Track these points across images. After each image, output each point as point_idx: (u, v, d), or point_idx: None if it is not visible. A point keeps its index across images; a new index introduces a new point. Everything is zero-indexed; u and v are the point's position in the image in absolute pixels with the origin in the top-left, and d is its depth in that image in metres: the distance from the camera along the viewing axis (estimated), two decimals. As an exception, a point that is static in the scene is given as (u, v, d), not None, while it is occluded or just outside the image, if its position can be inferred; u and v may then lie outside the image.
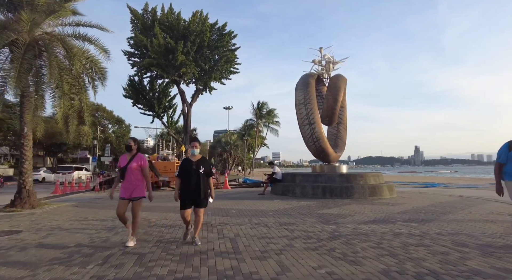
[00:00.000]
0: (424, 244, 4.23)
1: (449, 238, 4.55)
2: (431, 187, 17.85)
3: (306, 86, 12.16)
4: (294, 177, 11.84)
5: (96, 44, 9.24)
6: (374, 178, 11.15)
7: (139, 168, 4.44)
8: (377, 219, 6.24)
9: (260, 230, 5.30)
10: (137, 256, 3.81)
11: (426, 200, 9.70)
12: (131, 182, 4.39)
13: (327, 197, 10.13)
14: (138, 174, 4.45)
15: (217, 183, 17.56)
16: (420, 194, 11.96)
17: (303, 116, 11.96)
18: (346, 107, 13.86)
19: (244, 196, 11.74)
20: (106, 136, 55.32)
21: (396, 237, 4.67)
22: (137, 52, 30.27)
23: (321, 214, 6.99)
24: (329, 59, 12.72)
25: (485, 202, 9.38)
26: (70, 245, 4.41)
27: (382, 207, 8.00)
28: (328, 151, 12.28)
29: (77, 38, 9.17)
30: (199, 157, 4.50)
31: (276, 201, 9.57)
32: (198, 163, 4.39)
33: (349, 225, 5.63)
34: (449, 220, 6.07)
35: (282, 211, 7.45)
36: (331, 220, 6.22)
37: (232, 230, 5.34)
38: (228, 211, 7.57)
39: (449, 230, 5.14)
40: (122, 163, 4.47)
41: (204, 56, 29.53)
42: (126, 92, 31.27)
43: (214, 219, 6.51)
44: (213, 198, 4.60)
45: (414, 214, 6.89)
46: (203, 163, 4.45)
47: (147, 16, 30.37)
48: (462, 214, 6.86)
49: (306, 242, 4.39)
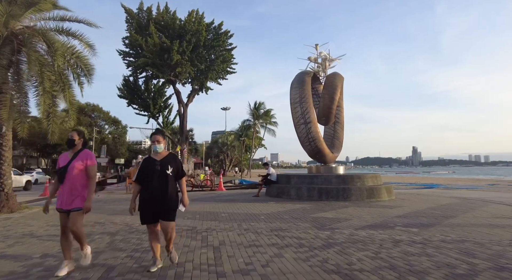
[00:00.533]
0: (427, 253, 3.82)
1: (454, 246, 4.14)
2: (430, 188, 17.49)
3: (302, 84, 11.77)
4: (289, 178, 11.43)
5: (81, 39, 8.81)
6: (372, 180, 10.76)
7: (84, 169, 3.40)
8: (375, 224, 5.84)
9: (248, 236, 4.88)
10: (105, 269, 3.38)
11: (425, 202, 9.31)
12: (72, 187, 3.32)
13: (323, 199, 9.72)
14: (82, 177, 3.39)
15: (212, 185, 17.13)
16: (419, 196, 11.58)
17: (299, 115, 11.56)
18: (343, 107, 13.47)
19: (238, 198, 11.31)
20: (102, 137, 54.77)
21: (396, 245, 4.26)
22: (132, 52, 29.84)
23: (316, 218, 6.58)
24: (325, 56, 12.33)
25: (486, 204, 9.00)
26: (35, 255, 3.97)
27: (381, 210, 7.60)
28: (324, 151, 11.88)
29: (61, 33, 8.73)
30: (164, 153, 3.49)
31: (270, 204, 9.15)
32: (164, 162, 3.38)
33: (345, 231, 5.22)
34: (452, 225, 5.66)
35: (275, 215, 7.03)
36: (326, 224, 5.81)
37: (218, 236, 4.91)
38: (218, 215, 7.15)
39: (454, 236, 4.73)
40: (62, 163, 3.43)
41: (200, 55, 29.11)
42: (121, 92, 30.81)
43: (202, 224, 6.08)
44: (187, 205, 3.54)
45: (414, 218, 6.49)
46: (171, 161, 3.42)
47: (142, 16, 29.96)
48: (465, 218, 6.47)
49: (297, 251, 3.97)
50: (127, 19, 29.79)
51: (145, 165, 3.43)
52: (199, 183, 17.82)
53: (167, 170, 3.35)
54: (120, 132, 60.60)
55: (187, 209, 8.28)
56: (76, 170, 3.35)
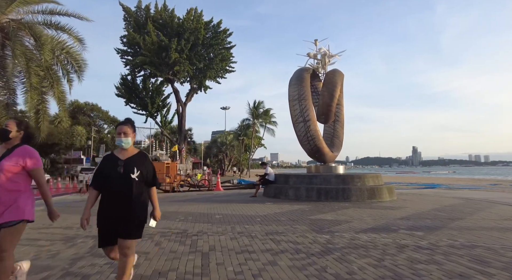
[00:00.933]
0: (436, 260, 3.48)
1: (465, 252, 3.80)
2: (431, 188, 17.15)
3: (301, 81, 11.42)
4: (287, 178, 11.08)
5: (70, 32, 8.47)
6: (373, 179, 10.41)
7: (20, 170, 2.56)
8: (378, 227, 5.49)
9: (241, 241, 4.53)
10: (79, 279, 3.04)
11: (428, 203, 8.97)
12: (1, 193, 2.47)
13: (322, 199, 9.38)
14: (16, 182, 2.53)
15: (209, 185, 16.79)
16: (421, 196, 11.23)
17: (297, 113, 11.21)
18: (343, 105, 13.13)
19: (235, 198, 10.97)
20: (101, 137, 54.41)
21: (401, 250, 3.92)
22: (130, 50, 29.52)
23: (315, 220, 6.23)
24: (325, 52, 11.98)
25: (492, 205, 8.65)
26: None
27: (382, 212, 7.26)
28: (324, 150, 11.53)
29: (49, 27, 8.38)
30: (133, 151, 2.69)
31: (267, 205, 8.81)
32: (129, 163, 2.59)
33: (345, 234, 4.87)
34: (459, 228, 5.32)
35: (272, 217, 6.69)
36: (325, 227, 5.47)
37: (209, 241, 4.57)
38: (212, 217, 6.80)
39: (462, 241, 4.39)
40: None
41: (198, 54, 28.79)
42: (119, 91, 30.49)
43: (193, 226, 5.74)
44: (159, 219, 2.77)
45: (418, 220, 6.15)
46: (138, 163, 2.62)
47: (141, 14, 29.65)
48: (472, 220, 6.13)
49: (292, 258, 3.63)
50: (125, 17, 29.46)
51: (104, 164, 2.63)
52: (196, 183, 17.49)
53: (131, 173, 2.55)
54: (119, 132, 60.21)
55: (180, 210, 8.00)
56: (6, 172, 2.48)
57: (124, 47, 29.65)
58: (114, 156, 2.66)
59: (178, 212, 7.54)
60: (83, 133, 46.89)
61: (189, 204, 9.21)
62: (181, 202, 9.77)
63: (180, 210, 8.01)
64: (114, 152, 2.72)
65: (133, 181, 2.56)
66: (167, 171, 16.49)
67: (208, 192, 14.93)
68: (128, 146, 2.67)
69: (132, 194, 2.53)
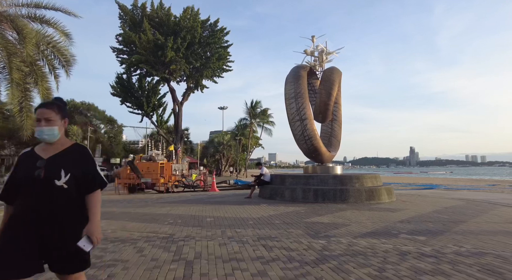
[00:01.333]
0: (443, 271, 3.16)
1: (473, 261, 3.47)
2: (430, 189, 16.89)
3: (297, 79, 11.09)
4: (283, 178, 10.76)
5: (56, 27, 8.11)
6: (371, 180, 10.10)
7: None
8: (377, 231, 5.18)
9: (230, 247, 4.20)
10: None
11: (429, 205, 8.67)
12: None
13: (319, 201, 9.05)
14: None
15: (204, 185, 16.43)
16: (421, 197, 10.94)
17: (294, 112, 10.89)
18: (341, 104, 12.82)
19: (229, 199, 10.63)
20: (97, 137, 53.88)
21: (403, 258, 3.60)
22: (126, 49, 29.11)
23: (310, 223, 5.91)
24: (322, 49, 11.66)
25: (495, 207, 8.37)
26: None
27: (381, 214, 6.95)
28: (321, 150, 11.21)
29: (33, 20, 8.02)
30: (63, 145, 1.82)
31: (261, 206, 8.48)
32: (54, 163, 1.72)
33: (343, 239, 4.55)
34: (463, 232, 5.01)
35: (265, 220, 6.35)
36: (321, 231, 5.14)
37: (195, 247, 4.23)
38: (202, 220, 6.46)
39: (469, 247, 4.07)
40: None
41: (195, 53, 28.41)
42: (114, 90, 30.06)
43: (181, 230, 5.40)
44: (97, 240, 1.67)
45: (420, 223, 5.84)
46: (71, 161, 1.77)
47: (137, 12, 29.22)
48: (476, 223, 5.82)
49: (284, 268, 3.30)
50: (121, 15, 29.04)
51: (19, 167, 1.75)
52: (191, 183, 17.13)
53: (56, 179, 1.67)
54: (116, 131, 59.72)
55: (171, 212, 7.65)
56: None
57: (120, 46, 29.26)
58: (34, 154, 1.77)
59: (167, 215, 7.20)
60: (79, 133, 46.38)
61: (181, 206, 8.86)
62: (173, 204, 9.41)
63: (170, 212, 7.66)
64: (35, 148, 1.82)
65: (59, 190, 1.67)
66: (161, 171, 16.11)
67: (203, 192, 14.58)
68: (54, 138, 1.77)
69: (56, 207, 1.66)
